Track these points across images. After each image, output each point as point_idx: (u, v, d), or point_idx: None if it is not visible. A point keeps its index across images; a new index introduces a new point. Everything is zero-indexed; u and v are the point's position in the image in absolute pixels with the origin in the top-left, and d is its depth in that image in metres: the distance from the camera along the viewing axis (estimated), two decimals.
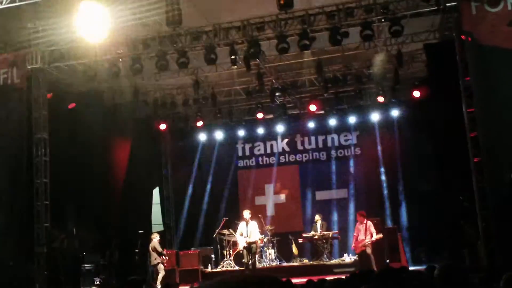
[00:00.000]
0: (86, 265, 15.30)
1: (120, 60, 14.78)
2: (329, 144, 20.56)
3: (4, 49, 14.98)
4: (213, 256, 18.22)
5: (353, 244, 15.59)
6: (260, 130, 20.88)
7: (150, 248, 15.83)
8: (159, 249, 15.76)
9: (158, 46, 14.33)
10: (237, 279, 1.10)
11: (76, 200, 15.81)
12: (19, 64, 14.61)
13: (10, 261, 13.48)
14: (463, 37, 12.53)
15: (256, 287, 1.03)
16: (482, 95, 12.08)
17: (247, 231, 15.51)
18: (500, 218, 11.57)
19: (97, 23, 12.24)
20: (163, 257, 15.81)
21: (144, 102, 18.71)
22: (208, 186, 20.89)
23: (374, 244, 15.04)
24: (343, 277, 7.03)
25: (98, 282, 15.45)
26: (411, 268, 12.68)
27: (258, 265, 16.47)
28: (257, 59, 15.05)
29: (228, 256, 17.50)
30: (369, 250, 14.96)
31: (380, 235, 15.19)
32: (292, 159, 20.94)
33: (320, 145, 20.69)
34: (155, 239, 15.88)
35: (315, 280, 7.06)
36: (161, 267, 15.63)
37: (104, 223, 16.28)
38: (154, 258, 15.73)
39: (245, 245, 15.23)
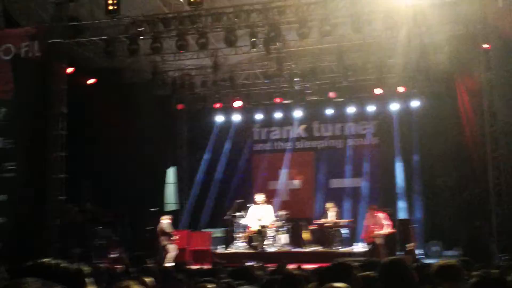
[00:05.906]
0: (97, 240, 15.42)
1: (141, 38, 14.75)
2: (346, 132, 20.44)
3: (26, 22, 15.06)
4: (224, 237, 18.23)
5: (363, 234, 15.55)
6: (278, 115, 20.79)
7: (157, 231, 15.84)
8: (168, 230, 15.73)
9: (178, 25, 14.29)
10: None
11: (91, 175, 15.94)
12: (40, 37, 14.67)
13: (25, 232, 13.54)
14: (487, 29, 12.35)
15: None
16: (504, 90, 11.92)
17: (260, 215, 15.48)
18: None
19: None
20: (172, 238, 15.78)
21: (163, 81, 18.72)
22: (222, 168, 20.85)
23: (385, 236, 14.95)
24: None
25: (113, 256, 15.53)
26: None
27: (269, 249, 16.47)
28: (277, 43, 14.95)
29: (238, 238, 17.52)
30: (378, 241, 14.89)
31: (391, 230, 15.07)
32: (308, 145, 20.88)
33: (337, 132, 20.56)
34: (164, 221, 15.86)
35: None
36: (170, 247, 15.59)
37: (117, 199, 16.39)
38: (162, 240, 15.74)
39: (258, 228, 15.22)
